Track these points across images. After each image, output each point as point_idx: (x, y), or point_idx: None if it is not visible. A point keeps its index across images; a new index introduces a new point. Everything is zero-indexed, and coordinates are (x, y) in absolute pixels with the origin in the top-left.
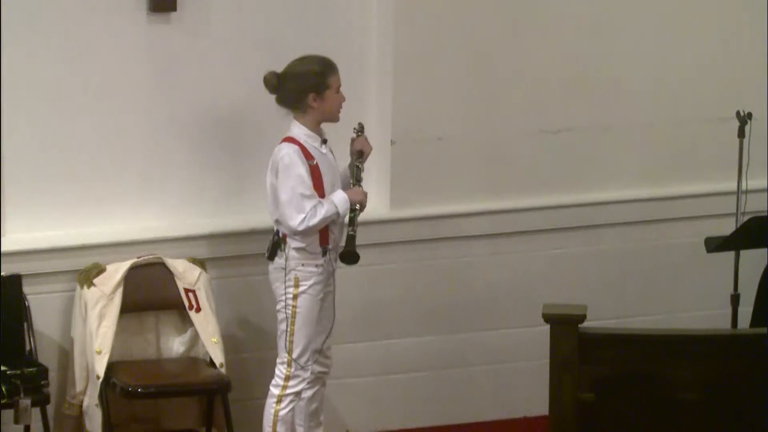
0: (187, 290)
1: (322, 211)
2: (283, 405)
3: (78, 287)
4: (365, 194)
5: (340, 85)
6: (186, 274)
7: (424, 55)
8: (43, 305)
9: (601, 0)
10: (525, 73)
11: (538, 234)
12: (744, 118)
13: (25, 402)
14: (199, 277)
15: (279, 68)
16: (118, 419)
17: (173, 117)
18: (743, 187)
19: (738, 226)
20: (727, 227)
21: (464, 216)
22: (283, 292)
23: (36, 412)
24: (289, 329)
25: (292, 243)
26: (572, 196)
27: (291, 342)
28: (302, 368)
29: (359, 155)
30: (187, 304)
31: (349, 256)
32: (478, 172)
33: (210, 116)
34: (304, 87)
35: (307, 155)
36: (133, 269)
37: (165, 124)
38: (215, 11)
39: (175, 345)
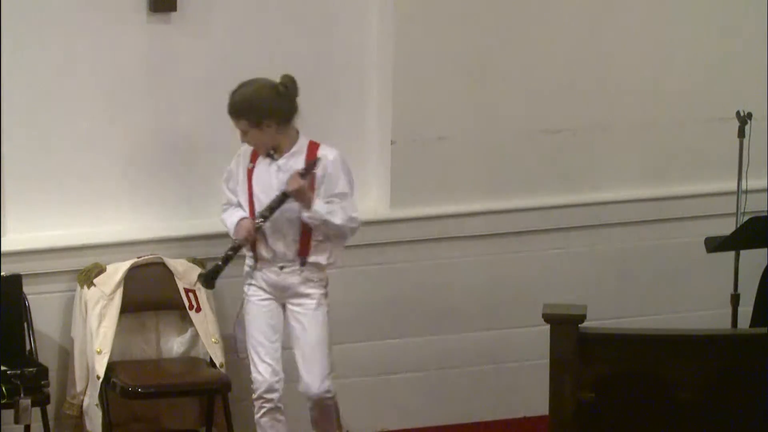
0: (187, 290)
1: (224, 215)
2: (256, 410)
3: (78, 287)
4: (250, 234)
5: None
6: (186, 274)
7: (424, 55)
8: (43, 305)
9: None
10: (525, 73)
11: (539, 234)
12: (744, 118)
13: (25, 402)
14: (199, 277)
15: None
16: (118, 419)
17: (173, 117)
18: (743, 187)
19: (738, 226)
20: (727, 227)
21: (464, 216)
22: None
23: (36, 412)
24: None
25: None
26: (572, 196)
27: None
28: (257, 372)
29: (282, 194)
30: (187, 304)
31: (205, 279)
32: (478, 172)
33: (210, 116)
34: None
35: (253, 157)
36: (133, 269)
37: (165, 123)
38: (215, 11)
39: (175, 345)
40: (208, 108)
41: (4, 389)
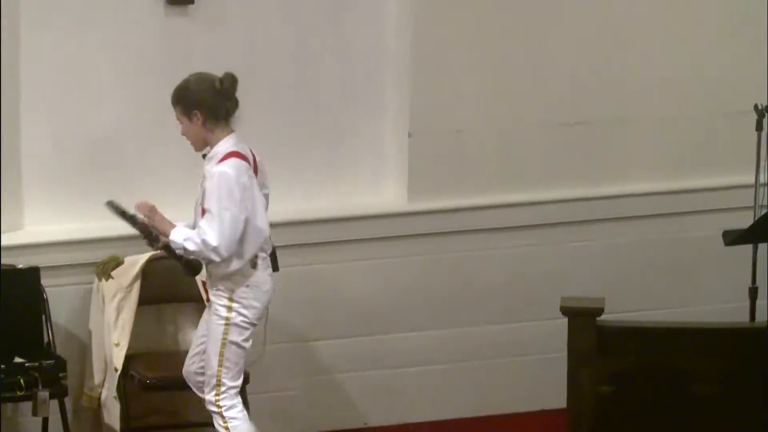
0: (204, 283)
1: None
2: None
3: (96, 280)
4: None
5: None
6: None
7: (442, 48)
8: (61, 297)
9: None
10: (543, 66)
11: (556, 227)
12: (762, 111)
13: (44, 394)
14: None
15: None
16: (136, 412)
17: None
18: (761, 180)
19: (756, 219)
20: (744, 220)
21: (482, 209)
22: None
23: (54, 404)
24: None
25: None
26: (589, 189)
27: None
28: None
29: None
30: (204, 296)
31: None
32: (496, 165)
33: None
34: None
35: None
36: (150, 262)
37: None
38: (233, 4)
39: (193, 337)
40: None
41: (22, 381)
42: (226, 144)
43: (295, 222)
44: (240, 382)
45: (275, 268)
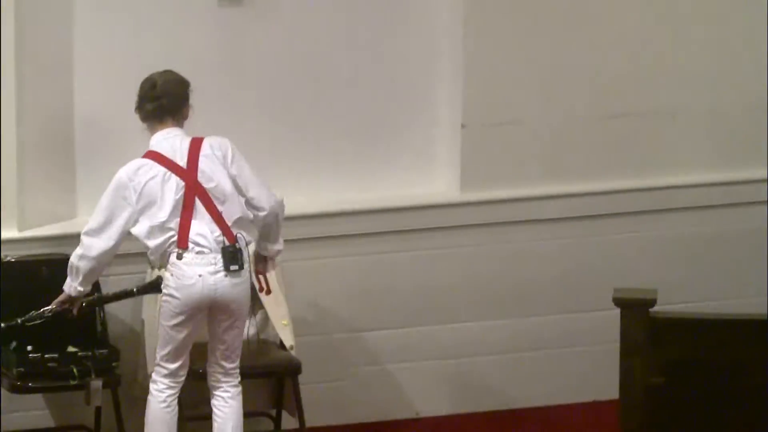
0: (257, 272)
1: None
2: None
3: (149, 268)
4: None
5: None
6: (255, 257)
7: (494, 39)
8: (114, 287)
9: None
10: (595, 58)
11: (608, 218)
12: None
13: (96, 383)
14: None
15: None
16: (188, 401)
17: (243, 101)
18: None
19: None
20: None
21: (534, 200)
22: (250, 298)
23: (107, 393)
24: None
25: (250, 246)
26: (641, 180)
27: None
28: None
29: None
30: (257, 286)
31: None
32: (548, 156)
33: (279, 99)
34: (188, 96)
35: None
36: None
37: (236, 107)
38: None
39: (246, 327)
40: (279, 95)
41: (75, 371)
42: (151, 142)
43: (349, 212)
44: (173, 366)
45: (226, 267)
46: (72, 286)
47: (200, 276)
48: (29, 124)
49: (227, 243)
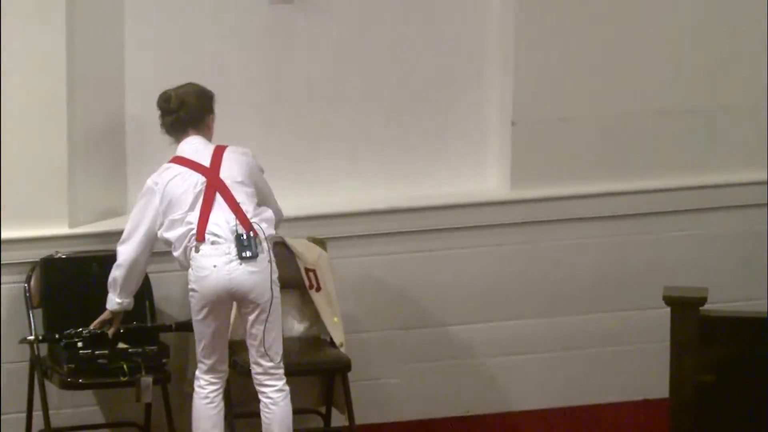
0: (307, 270)
1: None
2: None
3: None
4: None
5: None
6: (306, 254)
7: (545, 36)
8: (164, 283)
9: None
10: (648, 53)
11: (660, 216)
12: None
13: (147, 380)
14: (319, 256)
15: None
16: (238, 398)
17: (293, 98)
18: None
19: None
20: None
21: (585, 197)
22: (270, 286)
23: (157, 390)
24: (280, 330)
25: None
26: (693, 177)
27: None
28: None
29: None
30: (307, 283)
31: None
32: (598, 153)
33: (330, 96)
34: (210, 106)
35: None
36: None
37: (286, 104)
38: None
39: (296, 324)
40: (330, 93)
41: (125, 367)
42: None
43: (399, 210)
44: (210, 361)
45: (239, 255)
46: (112, 299)
47: (215, 266)
48: (80, 122)
49: (241, 231)
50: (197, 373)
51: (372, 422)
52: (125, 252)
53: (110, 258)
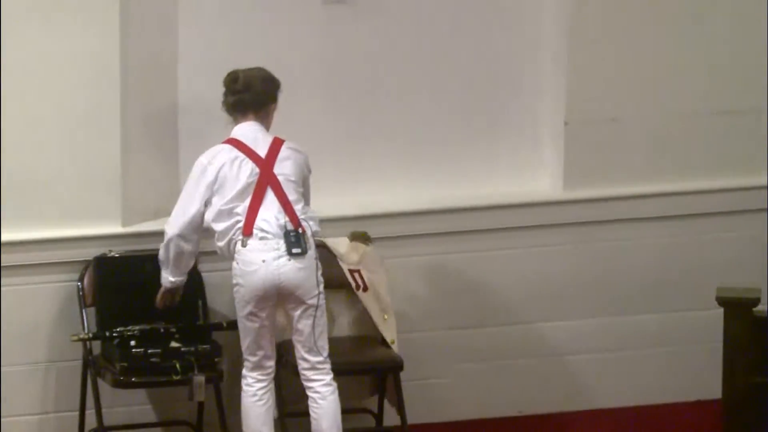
0: (351, 271)
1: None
2: None
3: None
4: None
5: None
6: (349, 255)
7: (598, 37)
8: (217, 282)
9: None
10: (699, 54)
11: (711, 217)
12: None
13: (199, 378)
14: (362, 256)
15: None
16: (289, 396)
17: (345, 97)
18: None
19: None
20: None
21: (637, 198)
22: (316, 284)
23: (209, 389)
24: (326, 325)
25: (316, 232)
26: (746, 179)
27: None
28: None
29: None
30: (353, 284)
31: None
32: (651, 154)
33: (382, 96)
34: (275, 94)
35: None
36: None
37: (337, 104)
38: None
39: (347, 323)
40: (383, 93)
41: (178, 366)
42: (232, 131)
43: (453, 209)
44: (255, 359)
45: (289, 251)
46: (165, 277)
47: (263, 261)
48: (134, 121)
49: (291, 227)
50: (244, 371)
51: (423, 422)
52: (173, 229)
53: None
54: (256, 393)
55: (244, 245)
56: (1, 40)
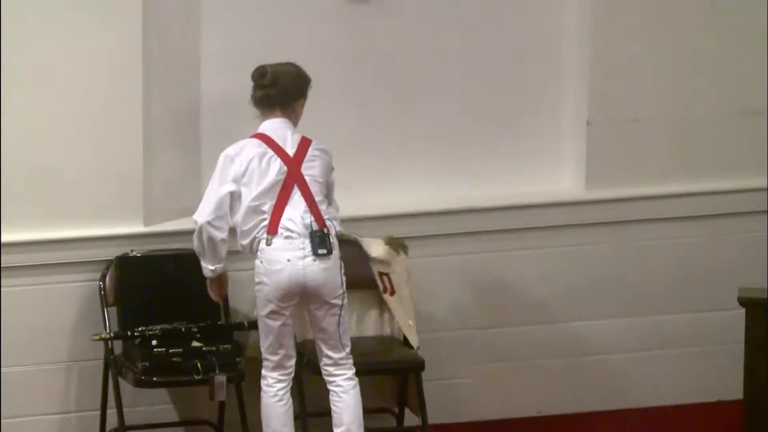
0: (381, 273)
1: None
2: None
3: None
4: None
5: None
6: (381, 259)
7: (621, 37)
8: (238, 281)
9: None
10: (722, 54)
11: (734, 217)
12: None
13: (221, 378)
14: (393, 261)
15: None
16: (311, 396)
17: (367, 97)
18: None
19: None
20: None
21: (660, 198)
22: (340, 284)
23: (231, 388)
24: (348, 322)
25: (339, 232)
26: (766, 179)
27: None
28: None
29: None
30: (381, 287)
31: None
32: (674, 154)
33: (404, 96)
34: (304, 91)
35: None
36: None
37: (360, 104)
38: None
39: (372, 323)
40: (405, 92)
41: (199, 365)
42: (260, 126)
43: (474, 210)
44: (276, 358)
45: (314, 251)
46: (205, 267)
47: (288, 260)
48: (156, 121)
49: (316, 228)
50: (263, 371)
51: (444, 422)
52: (202, 217)
53: (185, 256)
54: (276, 393)
55: (268, 243)
56: (24, 40)
